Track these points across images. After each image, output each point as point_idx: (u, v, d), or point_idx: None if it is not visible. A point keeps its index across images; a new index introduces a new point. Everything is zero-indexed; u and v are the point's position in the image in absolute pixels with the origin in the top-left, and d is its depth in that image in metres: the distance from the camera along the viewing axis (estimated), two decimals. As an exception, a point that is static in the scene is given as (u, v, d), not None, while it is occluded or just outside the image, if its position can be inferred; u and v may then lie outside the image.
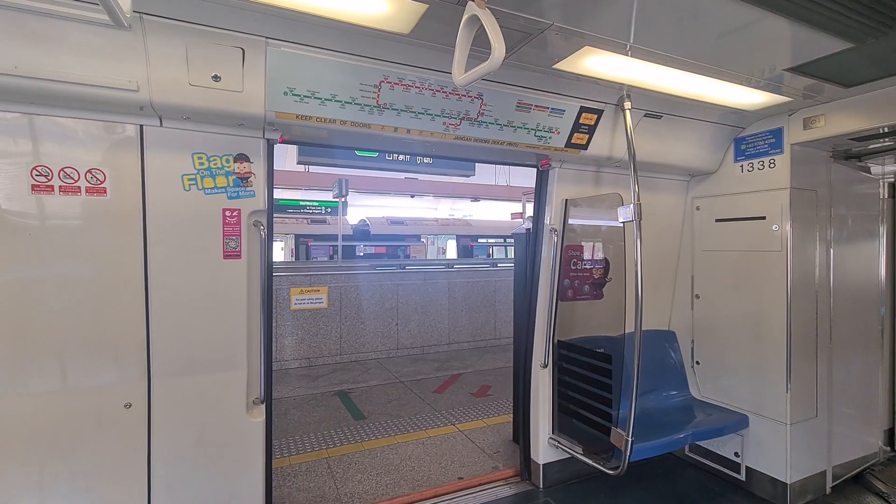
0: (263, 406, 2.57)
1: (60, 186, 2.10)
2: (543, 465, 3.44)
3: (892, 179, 3.93)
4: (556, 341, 3.43)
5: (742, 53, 2.32)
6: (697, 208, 3.85)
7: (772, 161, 3.32)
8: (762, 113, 3.22)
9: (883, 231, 3.88)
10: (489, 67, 1.60)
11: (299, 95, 2.26)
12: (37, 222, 2.09)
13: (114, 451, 2.28)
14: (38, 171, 2.06)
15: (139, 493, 2.34)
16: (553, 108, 2.80)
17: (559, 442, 3.36)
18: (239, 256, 2.44)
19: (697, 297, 3.86)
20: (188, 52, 2.01)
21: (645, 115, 3.11)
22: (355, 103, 2.37)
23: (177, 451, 2.39)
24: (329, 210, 14.75)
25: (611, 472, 2.87)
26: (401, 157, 12.76)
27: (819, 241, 3.35)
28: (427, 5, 1.84)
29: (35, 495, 2.16)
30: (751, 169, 3.47)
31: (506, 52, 2.25)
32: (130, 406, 2.30)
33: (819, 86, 2.72)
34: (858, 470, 3.62)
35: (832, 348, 3.43)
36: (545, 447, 3.43)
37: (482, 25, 1.60)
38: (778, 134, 3.28)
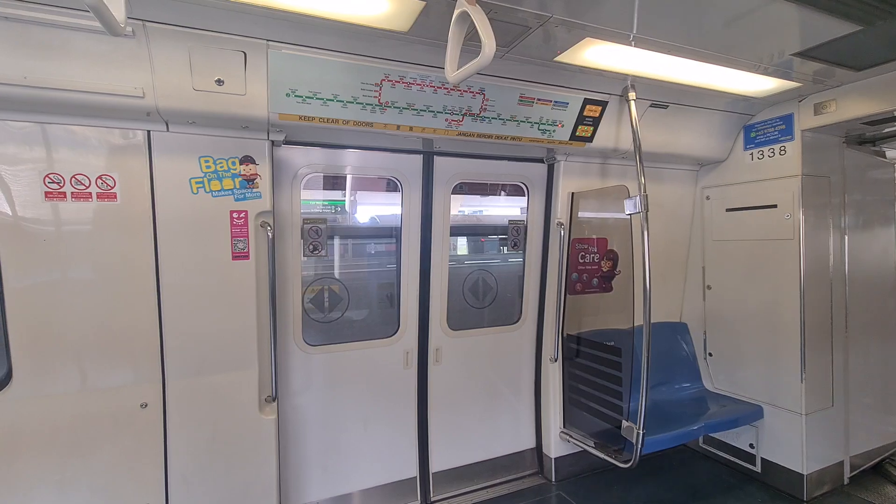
0: (275, 404, 2.62)
1: (72, 193, 2.15)
2: (555, 458, 3.44)
3: (909, 163, 3.83)
4: (565, 335, 3.43)
5: (749, 39, 2.27)
6: (707, 198, 3.80)
7: (782, 148, 3.26)
8: (771, 99, 3.16)
9: (899, 217, 3.79)
10: (480, 63, 1.59)
11: (301, 97, 2.28)
12: (51, 229, 2.14)
13: (131, 449, 2.34)
14: (50, 178, 2.11)
15: (157, 489, 2.40)
16: (556, 101, 2.78)
17: (570, 436, 3.35)
18: (247, 257, 2.48)
19: (709, 287, 3.82)
20: (191, 58, 2.04)
21: (650, 106, 3.08)
22: (357, 102, 2.38)
23: (192, 449, 2.45)
24: (339, 209, 14.83)
25: (623, 465, 2.86)
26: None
27: (833, 229, 3.29)
28: (424, 2, 1.84)
29: (56, 493, 2.23)
30: (761, 157, 3.41)
31: (506, 47, 2.26)
32: (146, 406, 2.36)
33: (829, 70, 2.66)
34: (877, 460, 3.56)
35: (848, 337, 3.37)
36: (556, 441, 3.43)
37: (473, 21, 1.59)
38: (788, 120, 3.22)
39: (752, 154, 3.48)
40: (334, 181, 3.25)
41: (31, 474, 2.19)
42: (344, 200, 3.39)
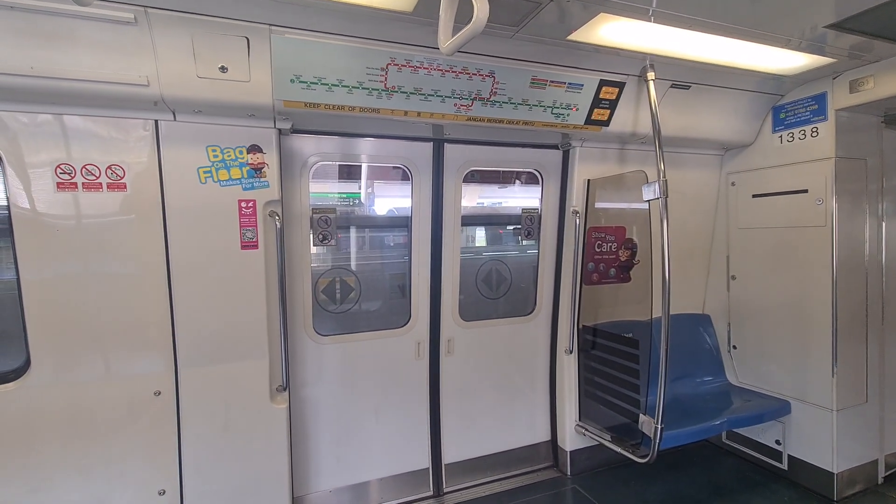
0: (287, 393, 2.62)
1: (83, 183, 2.17)
2: (570, 452, 3.37)
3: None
4: (580, 326, 3.33)
5: (779, 11, 2.12)
6: (732, 184, 3.62)
7: (814, 129, 3.07)
8: (803, 77, 2.97)
9: (944, 202, 3.55)
10: (473, 30, 1.49)
11: (306, 82, 2.23)
12: (64, 220, 2.16)
13: (146, 436, 2.38)
14: (61, 168, 2.13)
15: (172, 476, 2.43)
16: (570, 83, 2.66)
17: (586, 429, 3.28)
18: (256, 247, 2.47)
19: (733, 278, 3.66)
20: (194, 44, 2.01)
21: (671, 86, 2.93)
22: (363, 88, 2.33)
23: (205, 437, 2.47)
24: (356, 201, 14.88)
25: (640, 460, 2.78)
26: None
27: (869, 215, 3.09)
28: (427, -22, 1.77)
29: (75, 478, 2.28)
30: (791, 139, 3.22)
31: (515, 25, 2.16)
32: (160, 394, 2.39)
33: (867, 43, 2.47)
34: (915, 459, 3.37)
35: (884, 330, 3.18)
36: (572, 434, 3.36)
37: None
38: (821, 99, 3.02)
39: (781, 136, 3.29)
40: (345, 172, 3.21)
41: (51, 460, 2.24)
42: (354, 192, 3.35)
